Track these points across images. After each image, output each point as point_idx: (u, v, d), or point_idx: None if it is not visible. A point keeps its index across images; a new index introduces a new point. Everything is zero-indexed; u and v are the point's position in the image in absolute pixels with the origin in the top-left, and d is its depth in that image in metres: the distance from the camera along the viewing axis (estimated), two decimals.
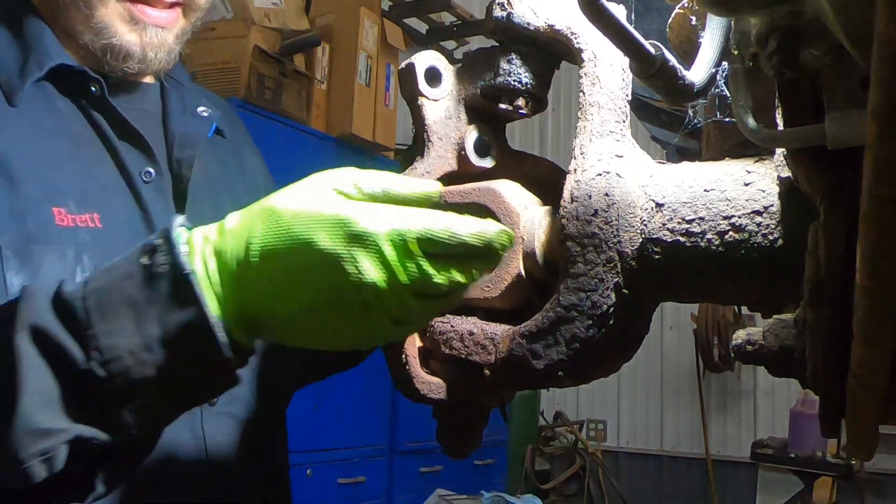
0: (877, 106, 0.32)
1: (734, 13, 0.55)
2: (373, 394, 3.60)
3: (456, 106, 0.84)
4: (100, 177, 0.96)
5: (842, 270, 0.50)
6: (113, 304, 0.66)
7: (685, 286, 0.73)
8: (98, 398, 0.66)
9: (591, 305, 0.70)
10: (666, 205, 0.71)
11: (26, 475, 0.66)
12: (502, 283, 0.78)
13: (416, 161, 0.84)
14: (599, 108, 0.76)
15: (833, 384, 0.51)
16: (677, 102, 0.64)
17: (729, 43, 0.64)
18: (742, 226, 0.67)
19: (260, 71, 3.30)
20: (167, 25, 1.03)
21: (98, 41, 0.99)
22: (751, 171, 0.69)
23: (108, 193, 0.96)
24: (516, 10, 0.78)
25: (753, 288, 0.70)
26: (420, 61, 0.83)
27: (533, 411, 5.45)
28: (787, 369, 0.63)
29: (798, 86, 0.52)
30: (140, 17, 1.00)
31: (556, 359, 0.71)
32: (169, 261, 0.66)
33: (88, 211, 0.92)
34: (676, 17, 0.74)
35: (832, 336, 0.51)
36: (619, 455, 5.58)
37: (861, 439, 0.50)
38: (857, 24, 0.38)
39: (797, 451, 4.29)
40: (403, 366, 0.80)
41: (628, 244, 0.71)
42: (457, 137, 0.84)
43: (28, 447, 0.65)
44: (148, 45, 1.01)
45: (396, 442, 3.81)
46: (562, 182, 0.75)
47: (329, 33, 3.79)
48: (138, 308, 0.66)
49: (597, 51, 0.76)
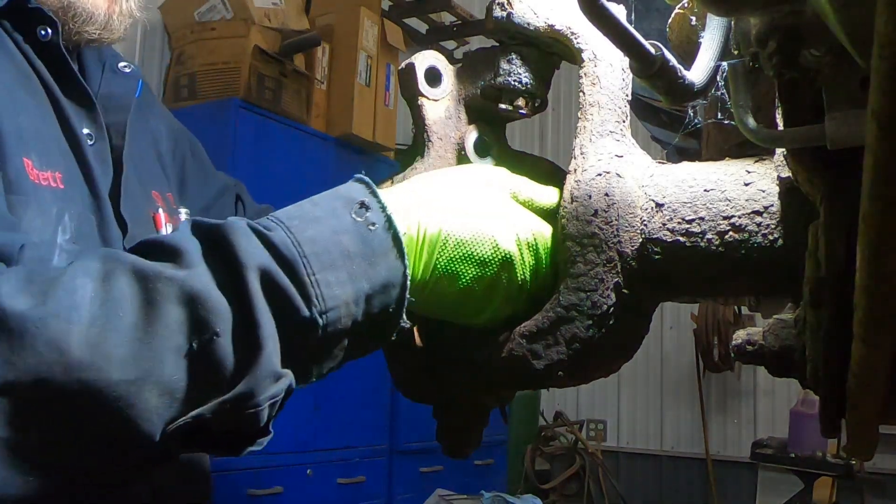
0: (877, 106, 0.32)
1: (734, 13, 0.55)
2: (373, 394, 3.59)
3: (456, 106, 0.84)
4: (53, 132, 0.90)
5: (842, 270, 0.50)
6: (331, 255, 0.64)
7: (685, 286, 0.73)
8: (309, 347, 0.65)
9: (591, 305, 0.70)
10: (666, 205, 0.71)
11: (256, 419, 0.63)
12: None
13: (416, 161, 0.84)
14: (599, 108, 0.76)
15: (833, 384, 0.51)
16: (677, 102, 0.64)
17: (729, 43, 0.64)
18: (742, 226, 0.67)
19: (260, 71, 3.30)
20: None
21: (58, 1, 0.92)
22: (751, 171, 0.69)
23: (63, 152, 0.90)
24: (516, 10, 0.78)
25: (753, 288, 0.70)
26: (420, 61, 0.83)
27: (533, 411, 5.45)
28: (787, 369, 0.63)
29: (798, 86, 0.52)
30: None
31: (556, 359, 0.71)
32: (382, 220, 0.67)
33: (51, 169, 0.87)
34: (676, 17, 0.74)
35: (832, 336, 0.51)
36: (619, 455, 5.58)
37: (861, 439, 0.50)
38: (857, 24, 0.38)
39: (797, 451, 4.29)
40: (404, 366, 0.80)
41: (628, 244, 0.71)
42: (457, 137, 0.84)
43: (265, 389, 0.62)
44: (114, 11, 0.95)
45: (396, 442, 3.81)
46: (561, 182, 0.75)
47: (329, 33, 3.79)
48: (354, 261, 0.65)
49: (597, 51, 0.77)
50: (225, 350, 0.60)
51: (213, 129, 2.93)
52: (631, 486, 5.46)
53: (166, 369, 0.58)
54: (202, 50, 3.36)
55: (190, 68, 3.38)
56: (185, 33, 3.45)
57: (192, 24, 3.45)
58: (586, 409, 5.71)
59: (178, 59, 3.45)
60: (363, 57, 3.79)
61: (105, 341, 0.57)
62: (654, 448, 5.52)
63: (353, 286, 0.65)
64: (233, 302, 0.61)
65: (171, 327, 0.59)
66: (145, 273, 0.60)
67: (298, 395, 1.19)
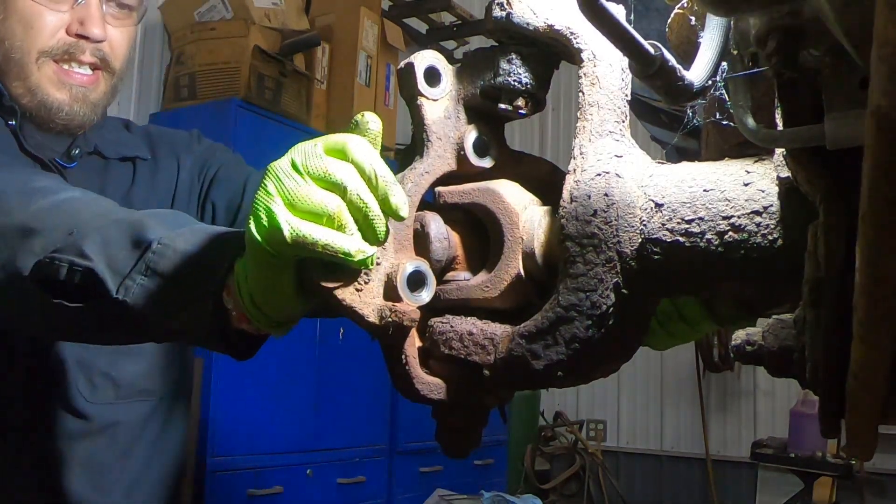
0: (877, 106, 0.32)
1: (734, 13, 0.55)
2: (373, 394, 3.60)
3: (455, 106, 0.84)
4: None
5: (842, 270, 0.50)
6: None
7: (685, 286, 0.73)
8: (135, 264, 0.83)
9: (590, 306, 0.70)
10: (665, 205, 0.71)
11: (57, 272, 0.85)
12: (501, 283, 0.78)
13: (415, 161, 0.84)
14: (599, 108, 0.76)
15: (833, 384, 0.51)
16: (677, 102, 0.64)
17: (729, 43, 0.64)
18: (741, 226, 0.67)
19: (260, 71, 3.30)
20: (89, 84, 1.29)
21: (34, 99, 1.26)
22: (750, 171, 0.69)
23: None
24: (516, 10, 0.78)
25: (753, 288, 0.70)
26: (419, 61, 0.83)
27: (533, 411, 5.45)
28: (787, 369, 0.62)
29: (798, 86, 0.52)
30: (66, 79, 1.26)
31: (556, 359, 0.71)
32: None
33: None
34: (676, 17, 0.74)
35: (832, 336, 0.51)
36: (619, 455, 5.58)
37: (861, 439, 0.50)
38: (857, 24, 0.38)
39: (797, 451, 4.29)
40: (403, 366, 0.80)
41: (628, 244, 0.71)
42: (456, 137, 0.84)
43: (69, 256, 0.85)
44: (74, 101, 1.27)
45: (396, 442, 3.81)
46: (560, 182, 0.75)
47: (329, 33, 3.79)
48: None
49: (596, 51, 0.76)
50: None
51: (213, 129, 2.93)
52: (631, 486, 5.46)
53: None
54: (202, 50, 3.35)
55: (190, 68, 3.38)
56: (185, 33, 3.45)
57: (192, 24, 3.45)
58: (586, 409, 5.71)
59: (178, 59, 3.45)
60: (363, 57, 3.79)
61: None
62: (653, 448, 5.52)
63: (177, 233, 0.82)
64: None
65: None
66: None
67: (298, 395, 1.19)
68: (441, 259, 0.81)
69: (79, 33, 1.26)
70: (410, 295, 0.76)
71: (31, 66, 1.25)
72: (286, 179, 0.70)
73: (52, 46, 1.25)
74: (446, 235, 0.82)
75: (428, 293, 0.78)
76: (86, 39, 1.26)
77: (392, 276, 0.76)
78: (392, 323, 0.74)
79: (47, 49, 1.25)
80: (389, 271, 0.76)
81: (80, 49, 1.27)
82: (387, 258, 0.77)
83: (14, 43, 1.24)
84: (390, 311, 0.74)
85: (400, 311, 0.74)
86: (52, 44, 1.25)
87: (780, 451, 4.40)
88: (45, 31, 1.25)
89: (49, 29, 1.25)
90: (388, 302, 0.75)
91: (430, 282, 0.78)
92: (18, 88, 1.26)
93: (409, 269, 0.76)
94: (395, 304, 0.75)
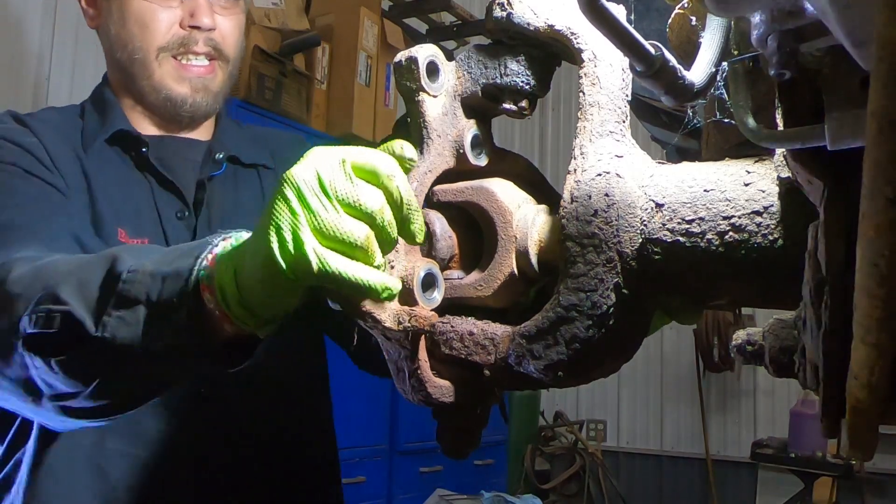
0: (877, 106, 0.32)
1: (734, 13, 0.55)
2: (373, 394, 3.59)
3: (452, 102, 0.83)
4: (145, 213, 1.29)
5: (842, 270, 0.50)
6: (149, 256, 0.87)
7: (685, 286, 0.73)
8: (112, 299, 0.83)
9: (591, 306, 0.70)
10: (666, 205, 0.71)
11: (36, 321, 0.87)
12: (495, 281, 0.78)
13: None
14: (599, 109, 0.76)
15: (833, 384, 0.51)
16: (677, 102, 0.64)
17: (729, 43, 0.64)
18: (742, 226, 0.67)
19: (260, 71, 3.30)
20: (206, 74, 1.36)
21: (159, 96, 1.34)
22: (751, 172, 0.69)
23: (153, 224, 1.28)
24: (516, 10, 0.78)
25: (753, 288, 0.70)
26: (422, 54, 0.81)
27: (533, 411, 5.45)
28: (787, 369, 0.63)
29: (798, 86, 0.52)
30: (184, 73, 1.34)
31: (556, 359, 0.71)
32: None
33: (140, 237, 1.24)
34: (676, 17, 0.74)
35: (832, 336, 0.51)
36: (619, 455, 5.58)
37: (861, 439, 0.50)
38: (857, 24, 0.38)
39: (797, 451, 4.30)
40: (416, 370, 0.79)
41: (628, 244, 0.71)
42: (454, 135, 0.83)
43: (44, 305, 0.87)
44: (195, 93, 1.35)
45: (396, 442, 3.82)
46: (537, 177, 0.74)
47: (329, 33, 3.79)
48: (167, 256, 0.85)
49: (597, 51, 0.76)
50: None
51: None
52: (631, 486, 5.46)
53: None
54: None
55: None
56: None
57: None
58: (586, 409, 5.71)
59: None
60: (363, 57, 3.79)
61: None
62: (653, 448, 5.52)
63: (153, 266, 0.81)
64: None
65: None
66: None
67: None
68: (445, 257, 0.81)
69: (191, 25, 1.34)
70: (424, 297, 0.76)
71: (153, 63, 1.33)
72: (312, 199, 0.67)
73: (169, 41, 1.33)
74: (450, 234, 0.82)
75: (439, 293, 0.78)
76: (197, 30, 1.34)
77: (406, 280, 0.75)
78: (412, 327, 0.74)
79: (165, 45, 1.32)
80: (402, 274, 0.76)
81: (193, 40, 1.34)
82: (399, 261, 0.77)
83: (136, 44, 1.33)
84: (409, 315, 0.74)
85: (419, 315, 0.74)
86: (169, 39, 1.33)
87: (780, 451, 4.40)
88: (161, 27, 1.33)
89: (164, 25, 1.33)
90: (405, 306, 0.75)
91: (439, 282, 0.78)
92: (146, 87, 1.34)
93: (423, 272, 0.76)
94: (412, 308, 0.74)
